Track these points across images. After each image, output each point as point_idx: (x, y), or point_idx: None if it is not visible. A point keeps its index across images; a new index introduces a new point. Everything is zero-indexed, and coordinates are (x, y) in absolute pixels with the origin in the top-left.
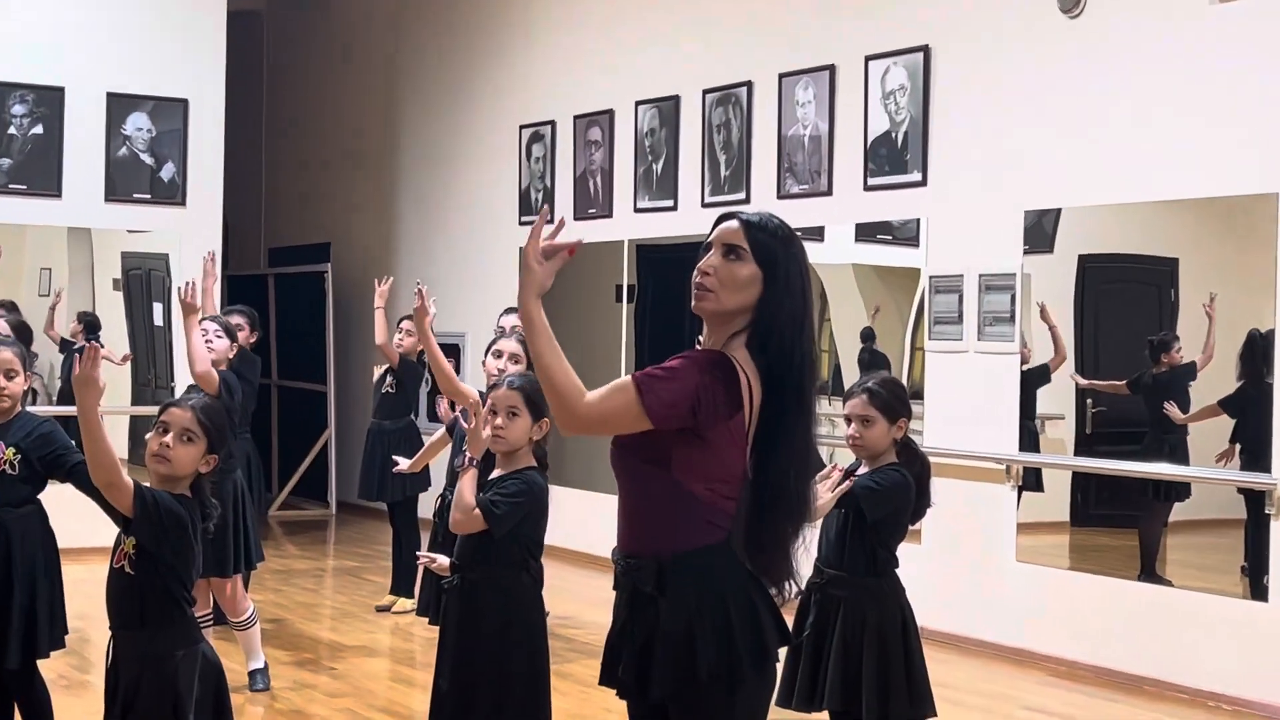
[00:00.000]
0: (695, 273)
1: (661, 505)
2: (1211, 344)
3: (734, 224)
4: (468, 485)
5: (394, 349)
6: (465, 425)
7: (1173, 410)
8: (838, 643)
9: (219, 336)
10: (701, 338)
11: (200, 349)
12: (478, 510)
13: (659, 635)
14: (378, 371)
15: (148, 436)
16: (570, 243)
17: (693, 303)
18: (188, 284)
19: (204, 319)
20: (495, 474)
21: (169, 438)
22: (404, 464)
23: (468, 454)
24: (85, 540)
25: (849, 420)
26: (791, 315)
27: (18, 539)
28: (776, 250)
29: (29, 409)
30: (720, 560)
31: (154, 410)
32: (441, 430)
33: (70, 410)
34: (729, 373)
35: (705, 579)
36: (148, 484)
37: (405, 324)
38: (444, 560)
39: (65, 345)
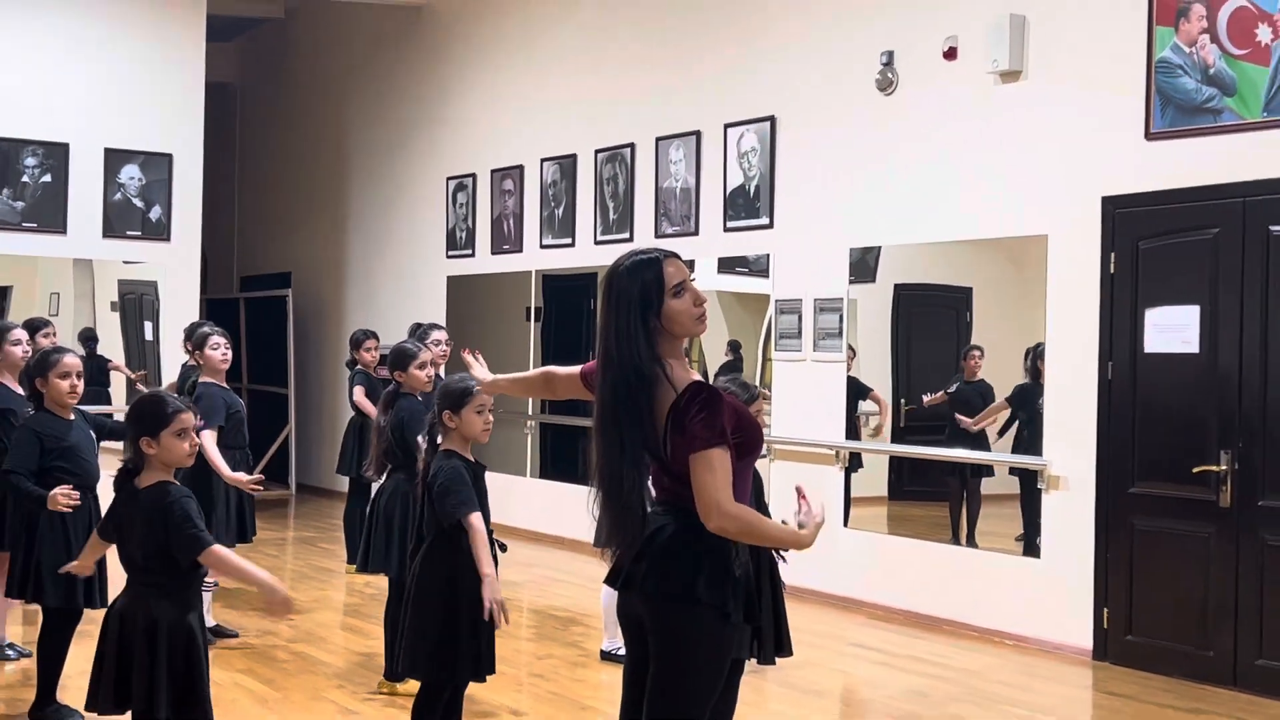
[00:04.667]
0: (698, 305)
1: None
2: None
3: (681, 262)
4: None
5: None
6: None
7: (963, 420)
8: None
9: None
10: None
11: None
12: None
13: None
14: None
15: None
16: None
17: (701, 328)
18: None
19: (217, 333)
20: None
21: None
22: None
23: None
24: None
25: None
26: None
27: None
28: None
29: None
30: None
31: None
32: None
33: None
34: None
35: None
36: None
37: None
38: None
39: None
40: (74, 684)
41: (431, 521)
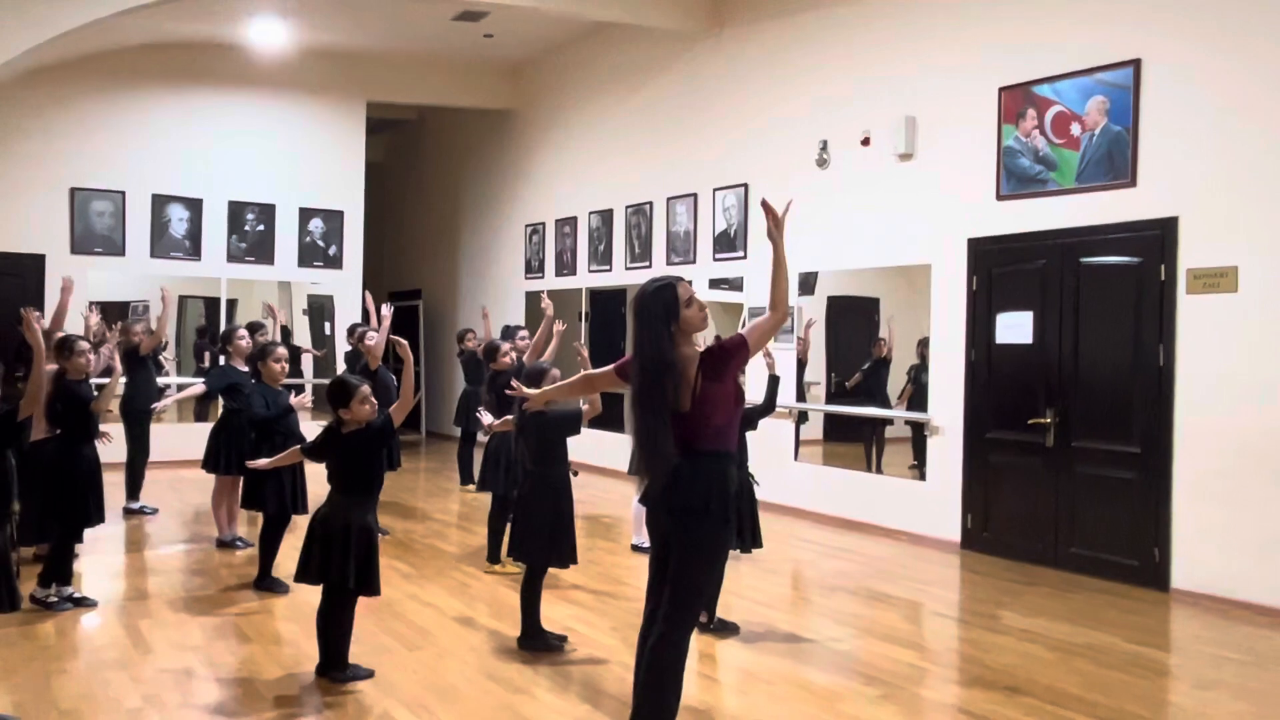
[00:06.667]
0: (702, 311)
1: None
2: (888, 347)
3: (687, 283)
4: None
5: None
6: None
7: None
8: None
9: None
10: (676, 343)
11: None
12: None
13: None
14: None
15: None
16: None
17: (705, 326)
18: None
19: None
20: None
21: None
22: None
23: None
24: None
25: None
26: None
27: None
28: None
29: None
30: None
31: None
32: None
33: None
34: None
35: None
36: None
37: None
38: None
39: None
40: (281, 568)
41: (531, 453)
